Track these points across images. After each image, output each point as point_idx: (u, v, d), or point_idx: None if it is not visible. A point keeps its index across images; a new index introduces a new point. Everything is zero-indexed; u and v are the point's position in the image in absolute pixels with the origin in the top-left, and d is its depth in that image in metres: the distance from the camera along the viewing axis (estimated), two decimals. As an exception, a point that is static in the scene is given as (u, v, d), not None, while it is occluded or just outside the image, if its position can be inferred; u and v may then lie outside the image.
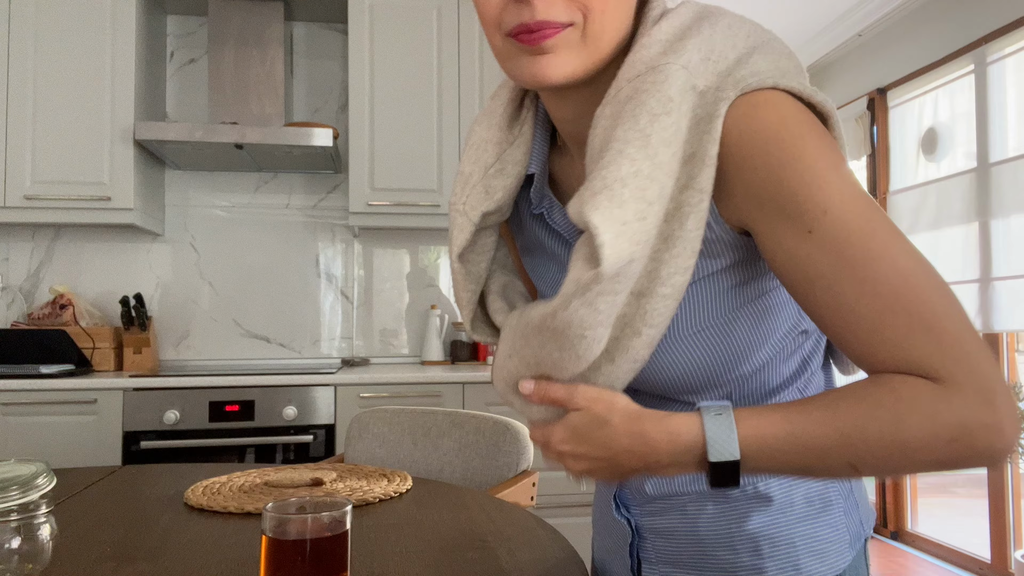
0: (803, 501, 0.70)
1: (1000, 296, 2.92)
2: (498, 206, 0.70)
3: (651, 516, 0.76)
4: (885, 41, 3.67)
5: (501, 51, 0.64)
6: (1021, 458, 2.69)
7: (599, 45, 0.62)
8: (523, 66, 0.62)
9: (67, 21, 2.61)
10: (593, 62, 0.63)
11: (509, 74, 0.65)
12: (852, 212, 0.55)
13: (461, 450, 1.59)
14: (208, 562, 0.88)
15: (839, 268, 0.55)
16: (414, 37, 2.81)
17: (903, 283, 0.54)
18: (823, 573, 0.70)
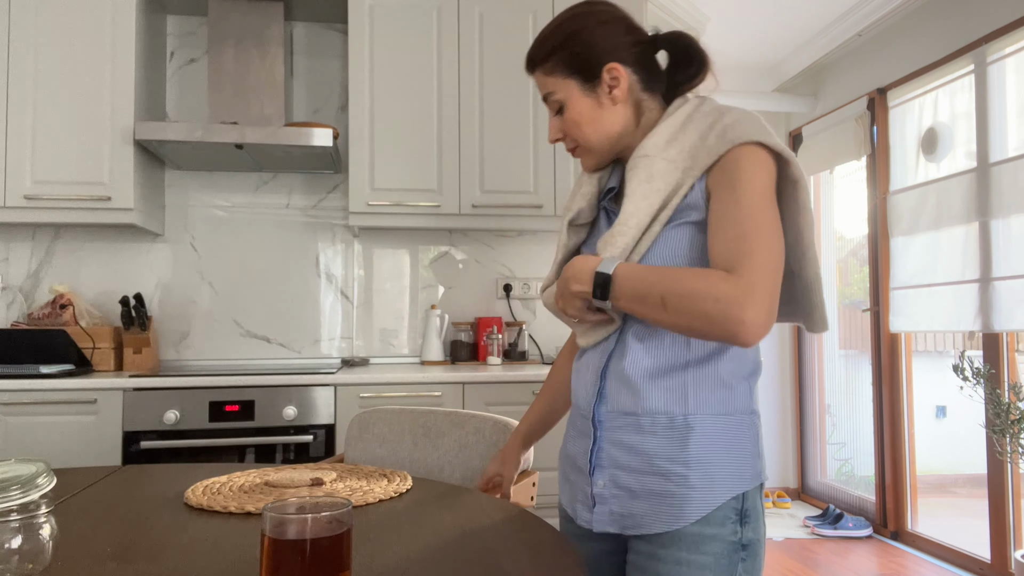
0: (723, 437, 1.03)
1: (1000, 296, 2.92)
2: (588, 203, 1.17)
3: (614, 431, 1.07)
4: (885, 41, 3.67)
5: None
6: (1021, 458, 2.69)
7: (600, 147, 1.13)
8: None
9: (67, 21, 2.61)
10: (600, 158, 1.15)
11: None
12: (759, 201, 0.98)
13: (461, 450, 1.59)
14: (208, 562, 0.88)
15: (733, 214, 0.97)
16: (414, 37, 2.81)
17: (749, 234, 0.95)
18: (730, 487, 1.01)
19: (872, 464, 3.82)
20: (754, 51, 4.18)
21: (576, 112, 1.10)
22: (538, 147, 2.86)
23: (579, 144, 1.12)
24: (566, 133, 1.12)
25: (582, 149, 1.13)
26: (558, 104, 1.11)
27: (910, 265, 3.49)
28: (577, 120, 1.11)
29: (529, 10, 2.87)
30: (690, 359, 1.03)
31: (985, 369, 2.88)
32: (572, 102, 1.11)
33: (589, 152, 1.13)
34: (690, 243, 1.03)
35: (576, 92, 1.11)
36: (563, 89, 1.11)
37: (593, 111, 1.11)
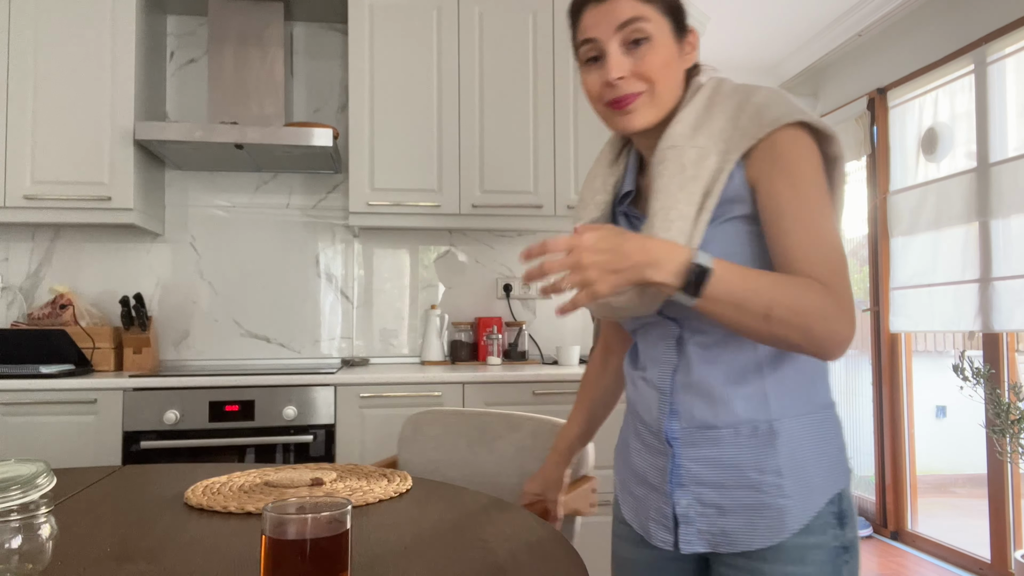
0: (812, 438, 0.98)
1: (1000, 296, 2.92)
2: (601, 213, 1.10)
3: (693, 446, 1.00)
4: (885, 41, 3.67)
5: (601, 114, 1.04)
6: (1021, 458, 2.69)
7: (663, 101, 1.00)
8: (616, 123, 1.01)
9: (67, 21, 2.61)
10: (658, 114, 1.00)
11: (610, 128, 1.04)
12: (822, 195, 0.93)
13: (518, 454, 1.55)
14: (208, 562, 0.88)
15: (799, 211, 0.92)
16: (414, 37, 2.81)
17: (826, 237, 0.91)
18: (826, 490, 0.96)
19: (872, 464, 3.82)
20: (754, 51, 4.18)
21: (664, 52, 0.98)
22: (538, 147, 2.86)
23: (650, 90, 0.98)
24: (638, 73, 0.97)
25: (646, 98, 0.98)
26: (642, 34, 0.97)
27: (910, 265, 3.49)
28: (664, 61, 0.98)
29: (529, 10, 2.87)
30: (761, 360, 0.98)
31: (985, 369, 2.88)
32: (661, 39, 0.98)
33: (652, 104, 0.99)
34: (745, 240, 0.96)
35: (668, 32, 0.99)
36: (656, 22, 0.98)
37: (675, 60, 1.00)
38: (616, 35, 0.97)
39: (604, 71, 0.98)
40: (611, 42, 0.98)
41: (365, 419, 2.47)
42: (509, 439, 1.58)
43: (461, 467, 1.61)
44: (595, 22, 0.99)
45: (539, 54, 2.87)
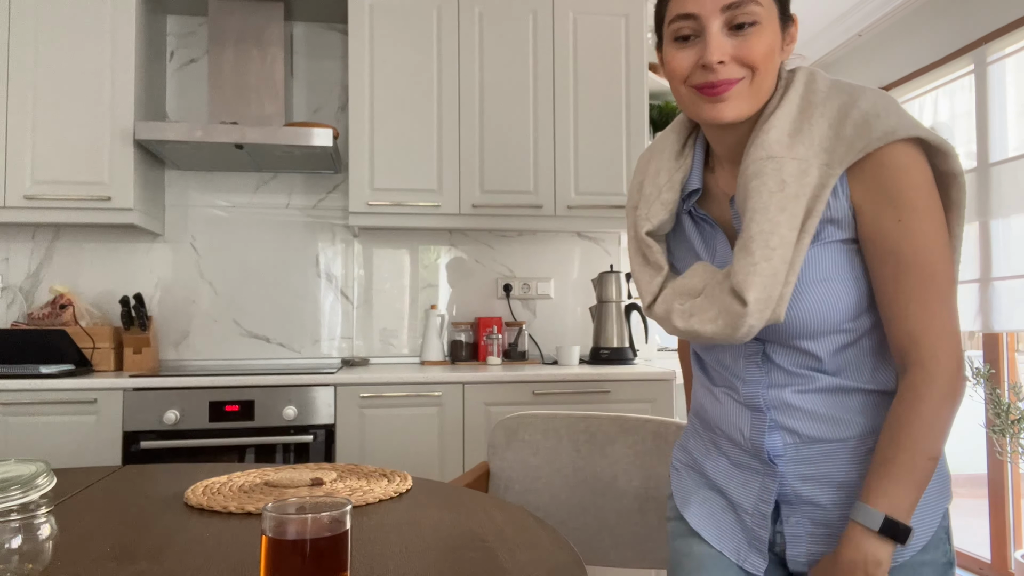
0: None
1: (1000, 296, 2.92)
2: (670, 214, 1.02)
3: (801, 463, 0.96)
4: (885, 41, 3.67)
5: (685, 98, 0.94)
6: (1021, 458, 2.69)
7: (760, 93, 0.92)
8: (705, 110, 0.92)
9: (67, 21, 2.61)
10: (754, 106, 0.92)
11: (692, 115, 0.95)
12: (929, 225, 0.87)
13: (639, 456, 1.51)
14: (208, 562, 0.88)
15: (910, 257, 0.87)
16: (414, 37, 2.81)
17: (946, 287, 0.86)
18: (939, 505, 0.95)
19: (872, 464, 3.82)
20: (754, 51, 4.18)
21: (770, 39, 0.90)
22: (538, 147, 2.86)
23: (750, 77, 0.90)
24: (741, 58, 0.89)
25: (744, 86, 0.90)
26: (751, 17, 0.88)
27: (910, 265, 3.49)
28: (769, 48, 0.90)
29: (529, 10, 2.87)
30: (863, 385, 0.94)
31: (985, 369, 2.88)
32: (770, 26, 0.90)
33: (750, 94, 0.91)
34: (845, 263, 0.91)
35: (775, 20, 0.92)
36: (766, 5, 0.90)
37: (778, 50, 0.92)
38: (721, 15, 0.89)
39: (702, 51, 0.89)
40: (714, 21, 0.89)
41: (365, 419, 2.47)
42: (624, 442, 1.53)
43: (569, 473, 1.55)
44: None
45: (539, 54, 2.87)
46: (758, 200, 0.89)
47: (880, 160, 0.87)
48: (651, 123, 3.12)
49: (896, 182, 0.87)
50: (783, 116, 0.91)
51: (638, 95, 2.91)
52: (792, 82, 0.94)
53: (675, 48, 0.93)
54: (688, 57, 0.91)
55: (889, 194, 0.87)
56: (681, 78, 0.93)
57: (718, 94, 0.90)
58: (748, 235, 0.89)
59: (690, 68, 0.91)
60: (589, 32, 2.90)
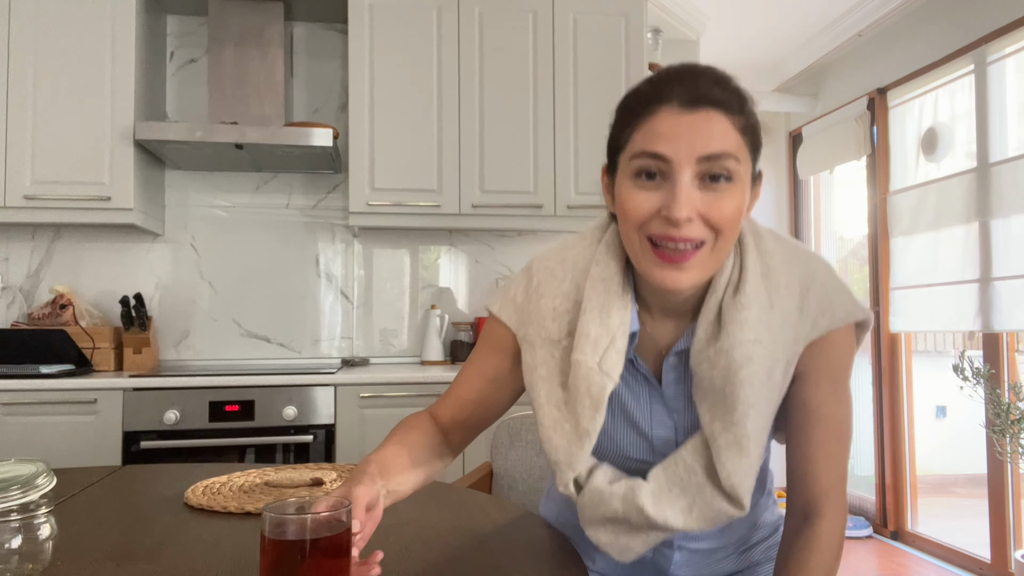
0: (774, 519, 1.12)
1: (1000, 296, 2.92)
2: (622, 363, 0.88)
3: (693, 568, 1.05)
4: (885, 41, 3.67)
5: (636, 248, 0.83)
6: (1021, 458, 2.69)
7: (720, 258, 0.83)
8: (660, 276, 0.81)
9: (67, 21, 2.61)
10: (712, 272, 0.83)
11: (641, 270, 0.84)
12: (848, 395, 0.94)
13: None
14: (208, 562, 0.87)
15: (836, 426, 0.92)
16: (414, 37, 2.81)
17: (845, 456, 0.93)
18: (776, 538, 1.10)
19: (872, 464, 3.82)
20: (754, 51, 4.18)
21: (741, 199, 0.81)
22: (538, 147, 2.86)
23: (713, 242, 0.80)
24: (709, 218, 0.79)
25: (706, 253, 0.80)
26: (727, 172, 0.79)
27: (910, 265, 3.49)
28: (739, 210, 0.80)
29: (529, 10, 2.87)
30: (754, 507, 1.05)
31: (985, 369, 2.88)
32: (741, 187, 0.81)
33: (711, 259, 0.82)
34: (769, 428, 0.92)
35: (748, 178, 0.83)
36: (743, 162, 0.81)
37: (745, 210, 0.83)
38: (695, 165, 0.78)
39: (667, 202, 0.78)
40: (687, 170, 0.78)
41: (365, 419, 2.47)
42: None
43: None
44: (674, 134, 0.78)
45: (539, 54, 2.87)
46: (752, 392, 0.84)
47: (833, 339, 0.89)
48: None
49: (841, 359, 0.91)
50: (753, 290, 0.86)
51: (638, 95, 2.90)
52: (742, 240, 0.89)
53: (634, 186, 0.81)
54: (650, 201, 0.80)
55: (831, 368, 0.91)
56: (637, 224, 0.81)
57: (677, 262, 0.80)
58: (743, 432, 0.85)
59: (650, 215, 0.80)
60: (589, 32, 2.90)
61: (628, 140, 0.83)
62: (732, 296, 0.86)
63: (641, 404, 0.93)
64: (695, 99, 0.78)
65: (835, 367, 0.90)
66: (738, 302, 0.85)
